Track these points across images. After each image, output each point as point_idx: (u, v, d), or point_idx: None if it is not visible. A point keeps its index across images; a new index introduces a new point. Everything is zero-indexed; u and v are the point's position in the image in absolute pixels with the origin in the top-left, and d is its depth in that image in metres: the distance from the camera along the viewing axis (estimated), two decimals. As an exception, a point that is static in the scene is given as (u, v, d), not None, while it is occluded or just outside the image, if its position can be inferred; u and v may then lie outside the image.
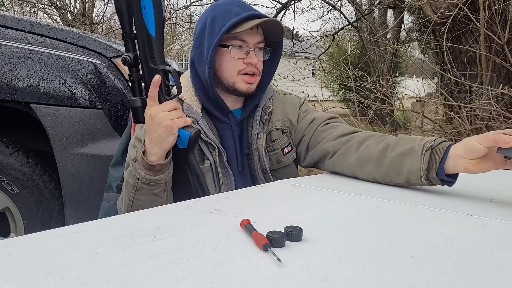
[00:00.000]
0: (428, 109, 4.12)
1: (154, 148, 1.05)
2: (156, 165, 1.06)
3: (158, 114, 1.03)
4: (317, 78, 7.47)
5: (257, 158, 1.28)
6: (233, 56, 1.19)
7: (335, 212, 0.90)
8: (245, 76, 1.21)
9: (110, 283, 0.53)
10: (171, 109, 1.05)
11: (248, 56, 1.19)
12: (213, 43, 1.15)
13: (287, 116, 1.33)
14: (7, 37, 1.78)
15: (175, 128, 1.04)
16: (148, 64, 1.06)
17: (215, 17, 1.18)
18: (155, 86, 1.05)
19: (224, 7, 1.20)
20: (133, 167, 1.08)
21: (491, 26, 3.11)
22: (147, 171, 1.06)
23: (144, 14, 1.02)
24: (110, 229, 0.73)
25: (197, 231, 0.73)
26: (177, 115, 1.05)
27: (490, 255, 0.67)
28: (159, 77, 1.05)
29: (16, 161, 1.82)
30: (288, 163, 1.32)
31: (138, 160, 1.07)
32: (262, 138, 1.28)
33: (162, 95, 1.07)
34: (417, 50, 6.55)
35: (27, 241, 0.66)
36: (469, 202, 1.00)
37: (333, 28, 7.36)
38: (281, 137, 1.31)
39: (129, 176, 1.11)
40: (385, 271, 0.60)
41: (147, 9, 1.01)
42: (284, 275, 0.57)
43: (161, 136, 1.04)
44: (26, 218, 1.85)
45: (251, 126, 1.28)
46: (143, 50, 1.05)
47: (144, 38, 1.04)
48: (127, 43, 1.06)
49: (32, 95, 1.76)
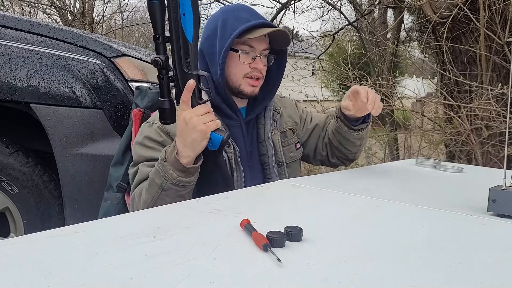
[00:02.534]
0: (428, 109, 4.11)
1: (187, 151, 1.07)
2: (190, 168, 1.08)
3: (192, 119, 1.05)
4: (317, 78, 7.46)
5: (272, 152, 1.36)
6: (241, 60, 1.27)
7: (335, 212, 0.90)
8: (250, 79, 1.29)
9: (110, 283, 0.53)
10: (204, 113, 1.07)
11: (254, 62, 1.28)
12: (224, 46, 1.22)
13: (292, 117, 1.47)
14: (7, 37, 1.78)
15: (208, 132, 1.06)
16: (182, 68, 1.07)
17: (226, 21, 1.25)
18: (189, 91, 1.06)
19: (235, 12, 1.28)
20: (163, 168, 1.09)
21: (491, 26, 3.11)
22: (180, 173, 1.08)
23: (182, 20, 1.03)
24: (110, 229, 0.73)
25: (197, 231, 0.73)
26: (210, 119, 1.07)
27: (490, 255, 0.67)
28: (193, 81, 1.06)
29: (16, 161, 1.81)
30: (298, 157, 1.46)
31: (169, 161, 1.08)
32: (277, 134, 1.39)
33: (195, 99, 1.08)
34: (417, 50, 6.56)
35: (27, 241, 0.66)
36: (469, 202, 1.00)
37: (333, 28, 7.35)
38: (292, 135, 1.45)
39: (155, 175, 1.11)
40: (385, 271, 0.60)
41: (187, 15, 1.02)
42: (284, 275, 0.57)
43: (195, 140, 1.05)
44: (26, 218, 1.84)
45: (263, 124, 1.37)
46: (178, 55, 1.06)
47: (181, 43, 1.05)
48: (159, 45, 1.06)
49: (32, 95, 1.75)
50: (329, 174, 1.33)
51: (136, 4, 32.32)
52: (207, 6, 6.66)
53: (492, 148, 2.96)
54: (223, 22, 1.25)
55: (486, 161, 3.05)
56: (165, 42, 1.06)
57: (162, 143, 1.21)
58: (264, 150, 1.35)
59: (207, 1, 6.40)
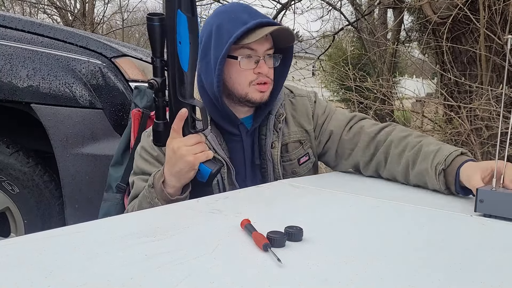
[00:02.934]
0: (428, 109, 4.11)
1: (173, 181, 1.03)
2: (175, 199, 1.04)
3: (180, 148, 1.00)
4: (317, 79, 7.46)
5: (271, 168, 1.25)
6: (242, 68, 1.14)
7: (335, 212, 0.90)
8: (257, 85, 1.16)
9: (110, 283, 0.53)
10: (195, 144, 1.02)
11: (258, 66, 1.15)
12: (220, 55, 1.10)
13: (302, 125, 1.30)
14: (8, 37, 1.78)
15: (196, 163, 1.01)
16: (176, 96, 1.03)
17: (221, 26, 1.13)
18: (180, 120, 1.02)
19: (229, 14, 1.14)
20: (150, 195, 1.06)
21: (491, 26, 3.11)
22: (165, 202, 1.04)
23: (179, 48, 0.99)
24: (110, 229, 0.73)
25: (197, 231, 0.73)
26: (200, 149, 1.02)
27: (490, 255, 0.67)
28: (185, 111, 1.02)
29: (17, 161, 1.82)
30: (303, 173, 1.30)
31: (156, 188, 1.05)
32: (277, 147, 1.25)
33: (187, 128, 1.04)
34: (417, 50, 6.55)
35: (27, 241, 0.66)
36: (469, 202, 1.00)
37: (333, 28, 7.36)
38: (298, 148, 1.29)
39: (143, 200, 1.08)
40: (385, 271, 0.60)
41: (183, 44, 0.98)
42: (284, 275, 0.57)
43: (181, 171, 1.01)
44: (27, 218, 1.85)
45: (264, 135, 1.24)
46: (173, 82, 1.02)
47: (176, 71, 1.01)
48: (156, 68, 1.02)
49: (33, 95, 1.76)
50: (329, 174, 1.33)
51: (136, 5, 32.30)
52: (207, 7, 6.66)
53: (492, 149, 2.96)
54: (218, 27, 1.13)
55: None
56: (163, 66, 1.02)
57: (156, 157, 1.17)
58: (264, 164, 1.25)
59: (208, 1, 6.41)
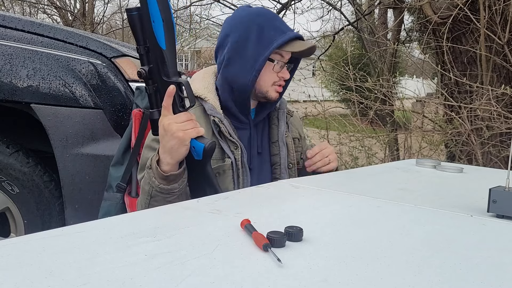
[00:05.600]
0: (429, 109, 4.11)
1: (167, 158, 1.07)
2: (170, 175, 1.07)
3: (171, 125, 1.04)
4: (317, 79, 7.46)
5: (285, 153, 1.37)
6: (274, 70, 1.30)
7: (335, 212, 0.90)
8: (277, 86, 1.33)
9: (110, 283, 0.53)
10: (185, 121, 1.06)
11: (282, 71, 1.32)
12: (262, 54, 1.25)
13: (298, 130, 1.50)
14: (7, 37, 1.78)
15: (187, 139, 1.05)
16: (161, 77, 1.05)
17: (263, 28, 1.26)
18: (169, 96, 1.05)
19: (269, 20, 1.29)
20: (148, 175, 1.10)
21: (491, 26, 3.11)
22: (161, 181, 1.08)
23: (154, 28, 1.02)
24: (110, 229, 0.73)
25: (197, 231, 0.73)
26: (190, 126, 1.06)
27: (490, 255, 0.67)
28: (173, 87, 1.05)
29: (16, 161, 1.82)
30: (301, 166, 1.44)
31: (152, 168, 1.09)
32: (290, 136, 1.42)
33: (176, 106, 1.07)
34: (417, 50, 6.55)
35: (27, 241, 0.66)
36: (469, 202, 1.00)
37: (333, 28, 7.36)
38: (298, 144, 1.46)
39: (144, 183, 1.13)
40: (385, 271, 0.60)
41: (156, 22, 1.01)
42: (284, 275, 0.57)
43: (173, 147, 1.05)
44: (26, 218, 1.85)
45: (276, 125, 1.39)
46: (156, 64, 1.05)
47: (155, 51, 1.04)
48: (142, 56, 1.06)
49: (32, 95, 1.76)
50: (329, 174, 1.33)
51: (136, 5, 32.24)
52: (207, 7, 6.66)
53: (493, 149, 2.96)
54: (260, 28, 1.26)
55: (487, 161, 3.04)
56: (147, 52, 1.05)
57: None
58: (276, 150, 1.37)
59: (208, 1, 6.41)
